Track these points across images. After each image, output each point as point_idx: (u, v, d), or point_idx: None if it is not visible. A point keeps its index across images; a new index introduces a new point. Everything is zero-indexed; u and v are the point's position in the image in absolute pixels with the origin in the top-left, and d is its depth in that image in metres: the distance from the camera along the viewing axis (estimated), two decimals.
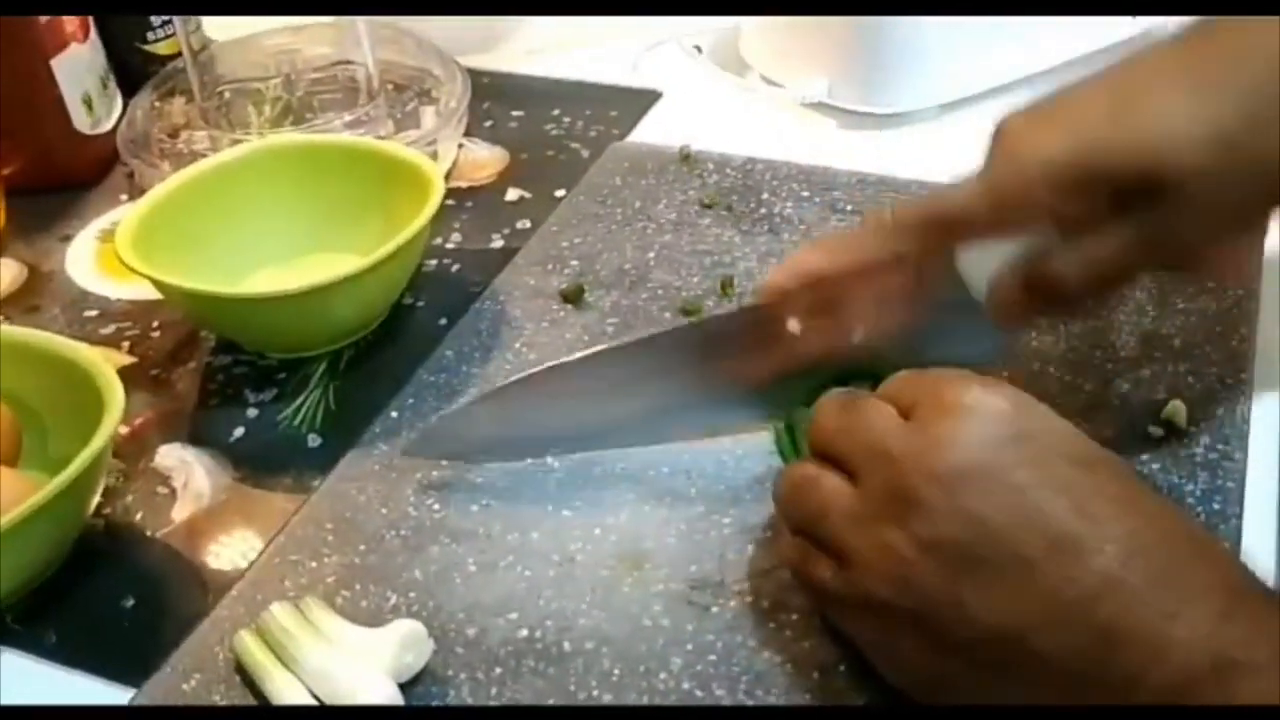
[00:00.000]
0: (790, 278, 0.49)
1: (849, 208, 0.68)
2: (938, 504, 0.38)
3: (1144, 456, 0.52)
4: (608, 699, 0.44)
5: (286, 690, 0.44)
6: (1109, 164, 0.43)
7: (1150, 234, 0.44)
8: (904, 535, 0.38)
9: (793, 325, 0.49)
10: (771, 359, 0.49)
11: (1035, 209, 0.44)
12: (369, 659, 0.45)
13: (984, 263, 0.47)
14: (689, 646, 0.46)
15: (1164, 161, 0.42)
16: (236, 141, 0.74)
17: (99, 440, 0.49)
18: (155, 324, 0.66)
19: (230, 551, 0.52)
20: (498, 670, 0.46)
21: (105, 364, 0.52)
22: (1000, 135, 0.46)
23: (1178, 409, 0.53)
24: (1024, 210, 0.44)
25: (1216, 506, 0.49)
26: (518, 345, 0.61)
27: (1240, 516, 0.49)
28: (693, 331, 0.54)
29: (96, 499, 0.53)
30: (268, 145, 0.67)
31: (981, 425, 0.39)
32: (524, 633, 0.47)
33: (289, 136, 0.69)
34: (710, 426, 0.54)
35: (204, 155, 0.75)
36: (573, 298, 0.63)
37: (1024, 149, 0.44)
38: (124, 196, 0.77)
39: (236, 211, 0.66)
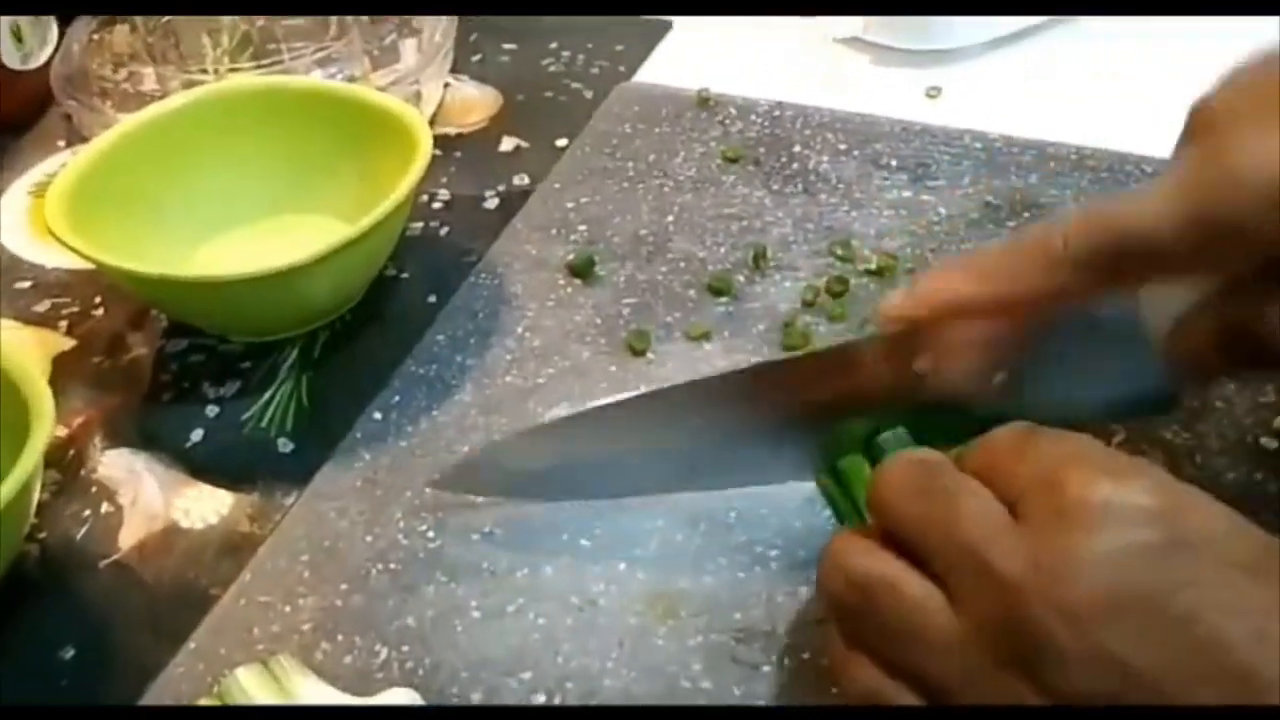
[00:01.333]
0: (927, 306, 0.37)
1: (893, 162, 0.60)
2: (1074, 649, 0.29)
3: (1258, 476, 0.44)
4: None
5: None
6: None
7: None
8: (1030, 687, 0.29)
9: (922, 364, 0.38)
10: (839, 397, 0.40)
11: (1257, 243, 0.33)
12: None
13: (1168, 300, 0.37)
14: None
15: None
16: (190, 80, 0.65)
17: (24, 468, 0.41)
18: (98, 299, 0.57)
19: (188, 586, 0.45)
20: None
21: (33, 369, 0.44)
22: (1206, 136, 0.34)
23: None
24: (1241, 245, 0.33)
25: None
26: (519, 330, 0.53)
27: None
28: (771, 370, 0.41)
29: (29, 523, 0.45)
30: (225, 89, 0.58)
31: (1123, 535, 0.29)
32: (540, 698, 0.40)
33: (249, 79, 0.60)
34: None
35: (152, 96, 0.66)
36: (582, 271, 0.55)
37: (1250, 161, 0.33)
38: (61, 143, 0.68)
39: (190, 167, 0.57)
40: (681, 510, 0.45)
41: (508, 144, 0.65)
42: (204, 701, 0.39)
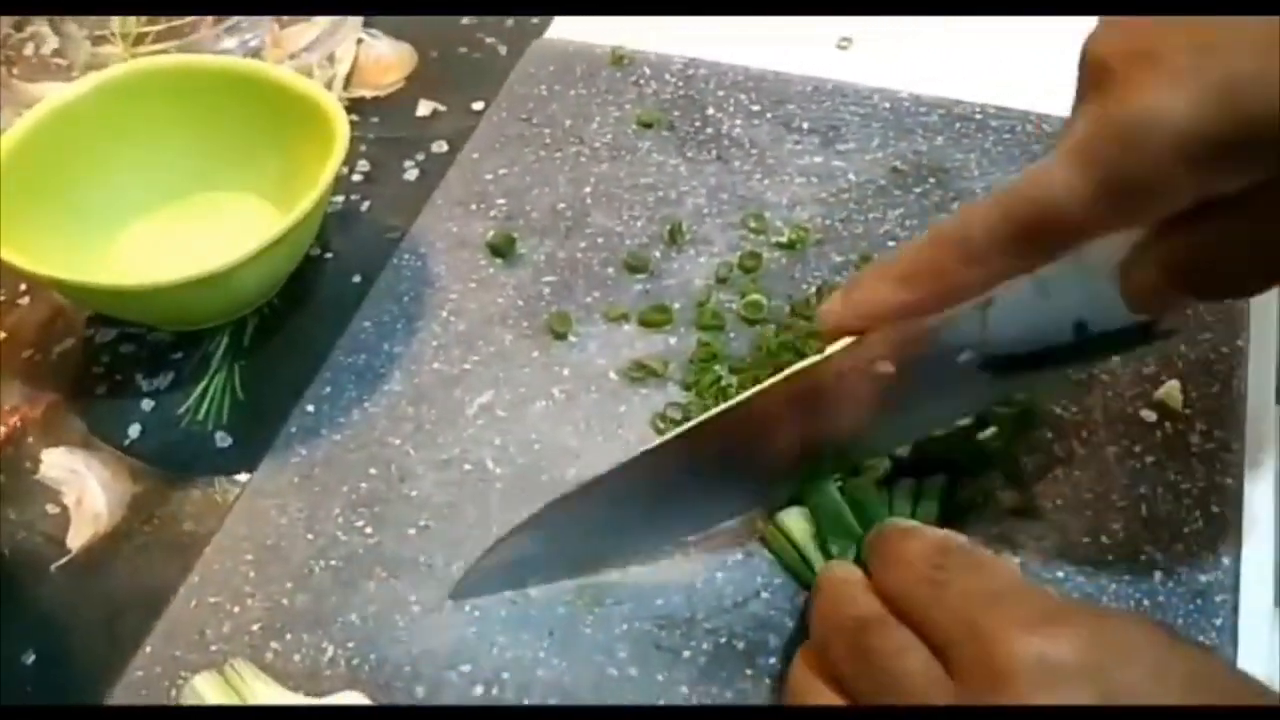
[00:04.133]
0: (862, 317, 0.39)
1: (805, 125, 0.62)
2: None
3: (1137, 448, 0.48)
4: None
5: None
6: (1273, 118, 0.30)
7: None
8: None
9: (884, 366, 0.40)
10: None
11: (1172, 194, 0.32)
12: None
13: (1107, 244, 0.36)
14: (661, 702, 0.42)
15: None
16: (97, 37, 0.64)
17: None
18: (22, 287, 0.58)
19: (139, 587, 0.47)
20: None
21: None
22: (1100, 87, 0.33)
23: (1172, 392, 0.49)
24: (1156, 199, 0.33)
25: (1215, 509, 0.46)
26: (444, 313, 0.54)
27: (1240, 523, 0.46)
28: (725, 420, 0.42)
29: None
30: (135, 70, 0.57)
31: (1050, 697, 0.30)
32: (479, 689, 0.43)
33: (159, 60, 0.59)
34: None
35: (56, 63, 0.65)
36: (503, 250, 0.56)
37: (1139, 113, 0.31)
38: None
39: (105, 151, 0.57)
40: None
41: (425, 108, 0.65)
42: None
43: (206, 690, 0.41)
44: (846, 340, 0.40)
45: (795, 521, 0.44)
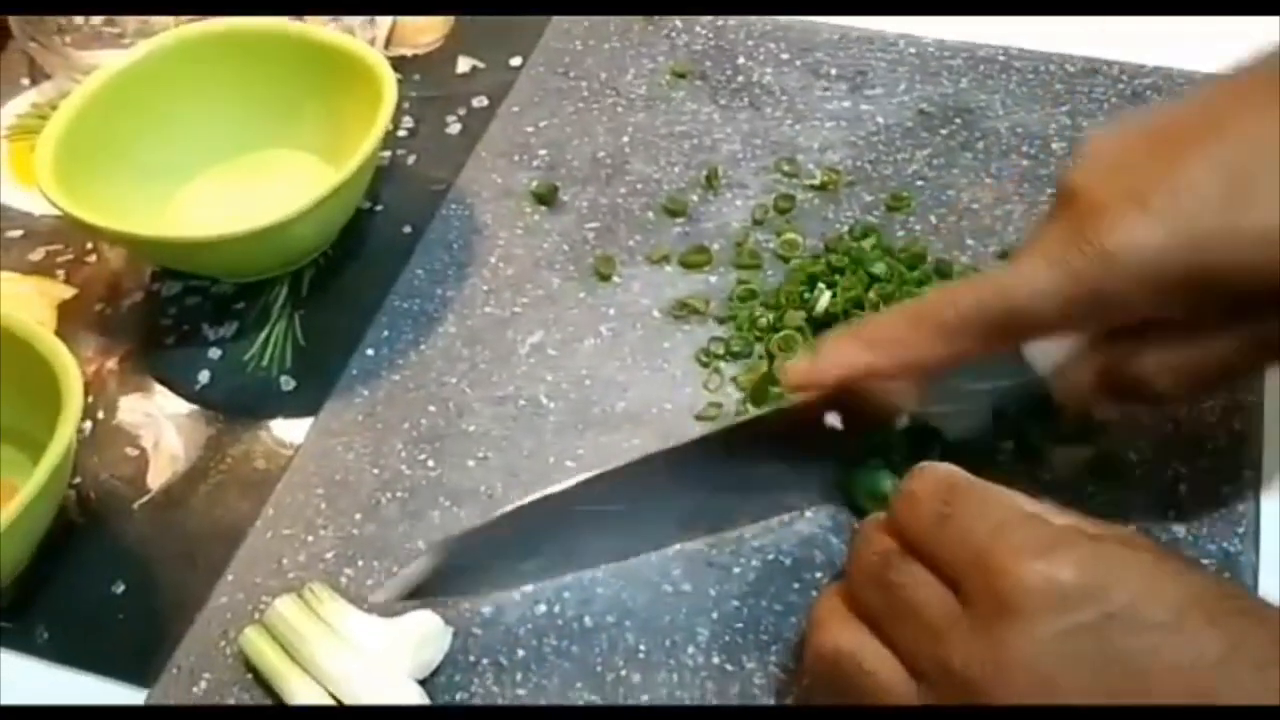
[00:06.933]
0: (829, 376, 0.42)
1: (833, 71, 0.63)
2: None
3: None
4: (636, 679, 0.44)
5: (306, 695, 0.43)
6: (1227, 268, 0.36)
7: (1265, 339, 0.38)
8: None
9: (832, 420, 0.44)
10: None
11: (1128, 312, 0.38)
12: (389, 660, 0.43)
13: (1051, 348, 0.41)
14: (714, 615, 0.45)
15: None
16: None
17: (65, 430, 0.45)
18: (89, 245, 0.60)
19: (216, 522, 0.50)
20: (520, 653, 0.44)
21: (50, 336, 0.48)
22: (1078, 214, 0.38)
23: None
24: (1115, 314, 0.38)
25: (1237, 427, 0.48)
26: (493, 260, 0.57)
27: (1260, 439, 0.48)
28: (712, 441, 0.45)
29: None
30: (188, 35, 0.60)
31: (1059, 620, 0.32)
32: (541, 608, 0.46)
33: (212, 23, 0.61)
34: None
35: (109, 33, 0.68)
36: (546, 198, 0.59)
37: (1116, 243, 0.37)
38: (25, 80, 0.69)
39: (162, 113, 0.60)
40: (655, 428, 0.50)
41: (464, 65, 0.67)
42: (249, 630, 0.45)
43: (289, 611, 0.44)
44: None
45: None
